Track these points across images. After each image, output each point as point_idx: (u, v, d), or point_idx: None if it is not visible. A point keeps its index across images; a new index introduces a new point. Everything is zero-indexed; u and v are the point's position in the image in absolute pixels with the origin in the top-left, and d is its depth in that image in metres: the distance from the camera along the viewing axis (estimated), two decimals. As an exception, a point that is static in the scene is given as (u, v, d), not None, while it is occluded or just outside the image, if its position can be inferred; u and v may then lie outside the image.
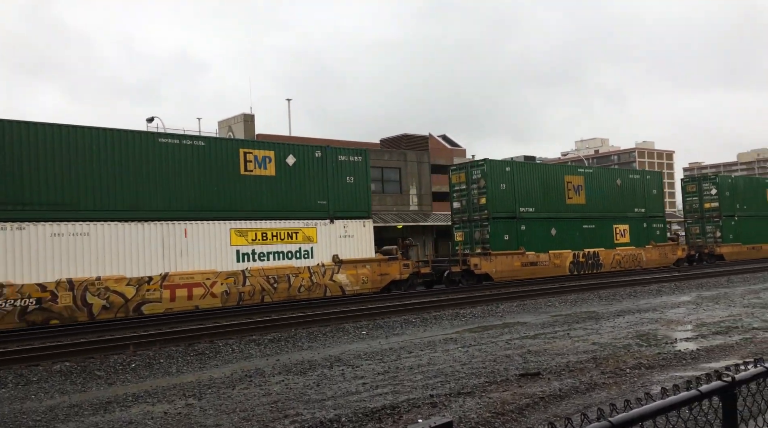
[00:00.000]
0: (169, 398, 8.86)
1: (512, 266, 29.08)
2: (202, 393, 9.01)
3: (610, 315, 16.08)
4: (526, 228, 29.89)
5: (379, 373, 9.82)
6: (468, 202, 29.87)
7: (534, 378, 8.99)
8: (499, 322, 15.93)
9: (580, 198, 32.56)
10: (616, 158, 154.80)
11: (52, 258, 17.57)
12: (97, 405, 8.64)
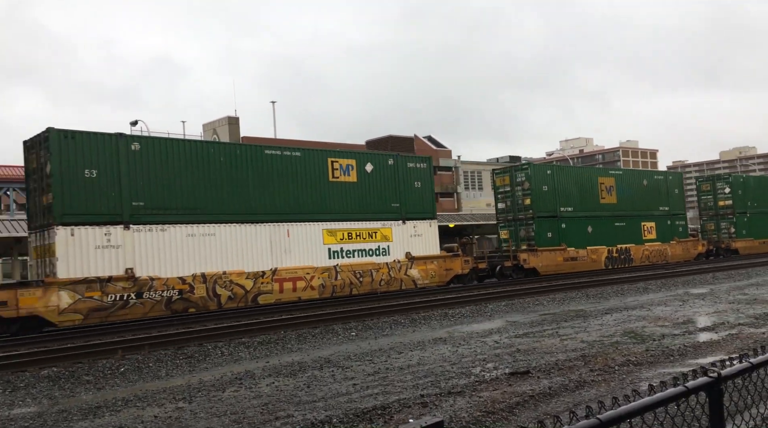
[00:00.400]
0: (159, 402, 8.82)
1: (556, 261, 31.71)
2: (192, 397, 8.99)
3: (598, 313, 16.22)
4: (566, 226, 32.53)
5: (369, 374, 9.84)
6: (513, 202, 32.68)
7: (524, 376, 9.06)
8: (488, 322, 16.01)
9: (612, 198, 35.33)
10: (600, 157, 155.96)
11: (188, 255, 20.22)
12: (86, 410, 8.59)
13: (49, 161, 18.38)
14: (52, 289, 17.60)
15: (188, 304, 20.01)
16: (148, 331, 17.18)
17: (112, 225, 18.90)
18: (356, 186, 24.61)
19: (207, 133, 52.80)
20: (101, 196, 18.90)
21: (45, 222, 18.86)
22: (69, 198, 18.41)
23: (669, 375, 8.75)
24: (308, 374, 10.18)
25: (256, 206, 21.93)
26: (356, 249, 24.33)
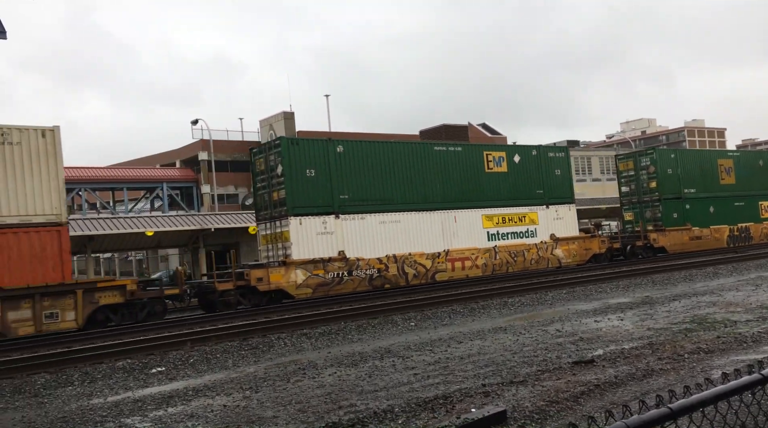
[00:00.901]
0: (227, 391, 9.12)
1: (682, 240, 33.91)
2: (259, 386, 9.25)
3: (665, 300, 15.71)
4: (690, 207, 34.54)
5: (429, 363, 9.87)
6: (637, 185, 34.80)
7: (588, 365, 8.88)
8: (549, 310, 15.76)
9: (731, 178, 37.05)
10: (664, 139, 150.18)
11: (381, 239, 23.73)
12: (160, 399, 8.97)
13: (281, 164, 22.30)
14: (291, 268, 21.58)
15: (384, 281, 23.69)
16: (215, 323, 17.77)
17: (326, 215, 22.77)
18: (507, 175, 27.58)
19: (264, 128, 53.87)
20: (318, 191, 22.67)
21: (276, 214, 22.71)
22: (297, 193, 22.23)
23: (742, 362, 8.39)
24: (369, 364, 10.29)
25: (430, 196, 25.32)
26: (509, 232, 27.43)
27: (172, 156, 53.20)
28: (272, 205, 22.78)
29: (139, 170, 48.68)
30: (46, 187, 17.76)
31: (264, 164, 23.10)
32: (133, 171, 48.14)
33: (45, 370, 12.19)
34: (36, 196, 17.50)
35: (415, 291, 23.21)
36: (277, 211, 22.59)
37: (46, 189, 17.75)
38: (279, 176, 22.35)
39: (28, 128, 17.69)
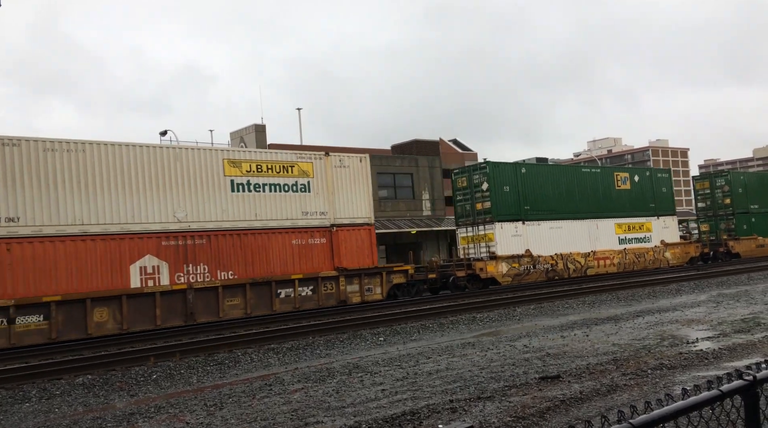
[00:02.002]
0: (191, 408, 8.93)
1: (750, 247, 39.87)
2: (223, 403, 9.08)
3: (629, 316, 15.96)
4: (755, 220, 40.75)
5: (397, 379, 9.83)
6: (713, 201, 41.13)
7: (554, 381, 8.95)
8: (517, 325, 15.87)
9: None
10: (629, 157, 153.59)
11: (551, 241, 29.71)
12: (120, 417, 8.74)
13: (486, 181, 28.51)
14: (499, 261, 27.59)
15: (555, 273, 29.39)
16: (179, 338, 17.42)
17: (517, 221, 28.76)
18: (630, 192, 33.34)
19: (234, 140, 53.44)
20: (511, 203, 28.69)
21: (479, 220, 28.67)
22: (499, 204, 28.28)
23: (704, 378, 8.56)
24: (337, 380, 10.20)
25: (580, 207, 31.03)
26: (633, 238, 33.10)
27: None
28: (475, 213, 28.88)
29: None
30: (363, 197, 23.70)
31: (467, 181, 29.43)
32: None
33: (1, 386, 11.78)
34: (357, 204, 23.50)
35: (389, 306, 23.19)
36: (480, 217, 28.65)
37: (362, 198, 23.68)
38: (484, 191, 28.60)
39: (351, 156, 24.00)
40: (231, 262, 20.10)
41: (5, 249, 16.47)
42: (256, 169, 21.09)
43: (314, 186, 22.27)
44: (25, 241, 16.81)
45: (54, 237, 17.22)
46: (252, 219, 20.74)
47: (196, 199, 19.70)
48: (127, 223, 18.40)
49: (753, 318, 14.21)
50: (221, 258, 19.92)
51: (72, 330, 17.16)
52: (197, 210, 19.68)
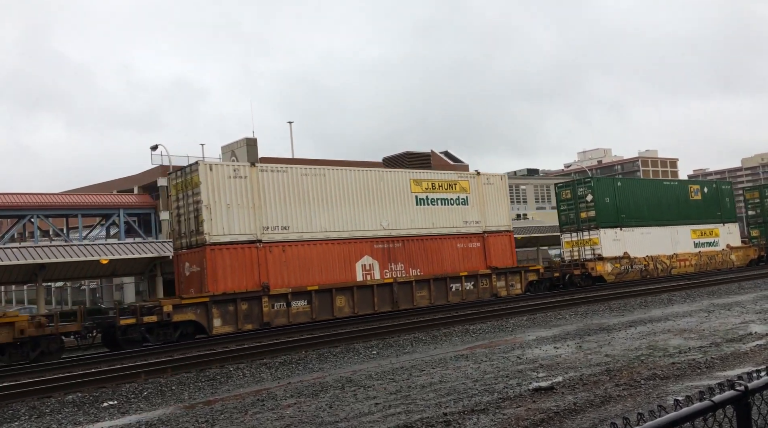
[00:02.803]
0: (182, 425, 8.84)
1: None
2: (215, 419, 8.99)
3: (622, 326, 15.98)
4: None
5: (391, 393, 9.78)
6: (762, 210, 45.15)
7: (547, 392, 8.93)
8: (510, 337, 15.85)
9: None
10: (619, 168, 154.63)
11: (642, 245, 33.82)
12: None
13: (590, 193, 33.18)
14: (606, 262, 32.24)
15: (647, 273, 33.63)
16: (170, 354, 17.27)
17: (616, 228, 33.42)
18: (701, 202, 38.11)
19: (225, 155, 53.39)
20: (611, 211, 33.46)
21: (584, 226, 33.18)
22: (602, 213, 33.02)
23: (696, 388, 8.57)
24: (330, 394, 10.14)
25: (664, 215, 35.69)
26: (704, 242, 37.87)
27: (130, 182, 52.10)
28: (579, 221, 33.64)
29: (95, 196, 47.51)
30: (504, 208, 28.87)
31: (570, 193, 34.39)
32: (88, 197, 46.93)
33: (-11, 405, 11.61)
34: (500, 214, 28.58)
35: (380, 318, 23.12)
36: (584, 224, 33.27)
37: (504, 210, 28.84)
38: (589, 202, 33.13)
39: (495, 175, 29.07)
40: (418, 262, 25.26)
41: (281, 251, 21.73)
42: (431, 186, 26.28)
43: (471, 200, 27.48)
44: (294, 245, 22.13)
45: (310, 242, 22.50)
46: (430, 227, 25.86)
47: (394, 211, 24.88)
48: (352, 231, 23.54)
49: (744, 327, 14.27)
50: (412, 258, 25.09)
51: (324, 313, 22.17)
52: (394, 220, 24.81)
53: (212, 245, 20.31)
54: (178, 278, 22.14)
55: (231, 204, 20.88)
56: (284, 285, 21.47)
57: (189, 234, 21.26)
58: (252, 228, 21.22)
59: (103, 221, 47.05)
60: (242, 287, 20.66)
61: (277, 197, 21.86)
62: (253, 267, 21.06)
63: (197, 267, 20.84)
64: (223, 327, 20.08)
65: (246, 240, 21.04)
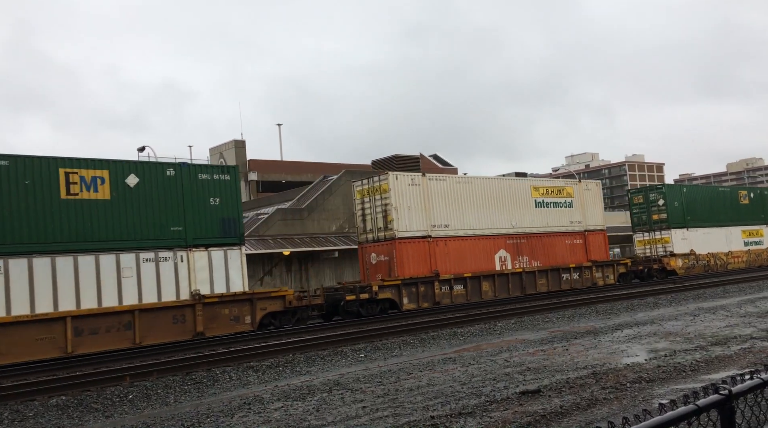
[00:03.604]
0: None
1: None
2: (201, 423, 8.92)
3: (608, 330, 16.07)
4: None
5: (378, 396, 9.76)
6: None
7: (534, 395, 8.96)
8: (498, 340, 15.88)
9: None
10: (606, 172, 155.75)
11: (704, 243, 38.97)
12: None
13: (662, 198, 38.27)
14: (677, 258, 37.28)
15: (709, 268, 38.39)
16: (157, 357, 17.14)
17: (683, 228, 38.31)
18: (749, 205, 43.22)
19: (214, 156, 53.15)
20: (680, 214, 38.45)
21: (655, 227, 38.43)
22: (672, 215, 37.92)
23: (681, 391, 8.63)
24: (317, 397, 10.10)
25: (720, 218, 40.63)
26: (752, 241, 42.84)
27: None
28: (651, 222, 38.73)
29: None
30: (599, 210, 33.94)
31: (642, 198, 39.52)
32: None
33: (-29, 409, 11.45)
34: (596, 215, 33.36)
35: (371, 321, 23.07)
36: (656, 225, 38.48)
37: (599, 212, 33.91)
38: (660, 206, 38.25)
39: (591, 181, 34.47)
40: (538, 255, 30.31)
41: (444, 244, 26.91)
42: (546, 192, 31.54)
43: (574, 203, 32.43)
44: (453, 239, 27.22)
45: (463, 237, 27.68)
46: (545, 226, 30.95)
47: (520, 212, 29.99)
48: (491, 228, 28.74)
49: (729, 330, 14.40)
50: (533, 251, 30.12)
51: (475, 296, 27.24)
52: (520, 219, 29.93)
53: (399, 239, 25.54)
54: (362, 266, 27.22)
55: (411, 206, 26.15)
56: (447, 272, 26.61)
57: (376, 231, 26.30)
58: (424, 225, 26.52)
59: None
60: (419, 273, 25.89)
61: (440, 200, 27.15)
62: (426, 257, 26.27)
63: (385, 256, 26.04)
64: (409, 305, 25.23)
65: (420, 236, 26.32)
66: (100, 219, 18.50)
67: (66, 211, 17.98)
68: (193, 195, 20.21)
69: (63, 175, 18.07)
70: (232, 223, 21.03)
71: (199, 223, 20.28)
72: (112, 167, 18.93)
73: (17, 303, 16.79)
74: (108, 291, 18.18)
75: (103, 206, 18.61)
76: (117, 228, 18.72)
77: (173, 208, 19.84)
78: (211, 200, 20.60)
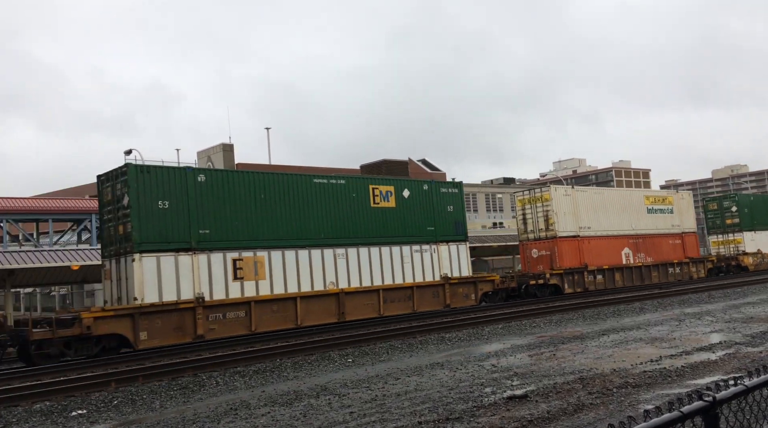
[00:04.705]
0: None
1: None
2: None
3: (595, 335, 16.15)
4: None
5: (366, 401, 9.74)
6: None
7: (522, 401, 8.98)
8: (485, 345, 15.91)
9: None
10: (593, 178, 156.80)
11: (766, 243, 44.79)
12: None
13: (735, 205, 44.61)
14: (749, 255, 43.47)
15: None
16: (142, 362, 16.98)
17: (751, 231, 44.73)
18: None
19: (202, 160, 52.90)
20: (748, 218, 44.41)
21: (729, 230, 44.21)
22: (743, 219, 44.65)
23: (667, 396, 8.69)
24: (304, 403, 10.06)
25: None
26: None
27: (103, 186, 51.27)
28: (724, 225, 44.77)
29: (66, 201, 46.63)
30: (691, 216, 40.32)
31: (717, 205, 45.65)
32: (59, 202, 46.03)
33: (-48, 415, 11.29)
34: (688, 219, 40.15)
35: (355, 326, 23.02)
36: (729, 228, 44.46)
37: (691, 217, 40.41)
38: (733, 212, 44.29)
39: (683, 191, 39.78)
40: (651, 252, 36.99)
41: (588, 242, 33.41)
42: (654, 200, 38.51)
43: (674, 210, 39.27)
44: (594, 238, 33.94)
45: (600, 237, 34.32)
46: (655, 228, 37.65)
47: (636, 217, 36.56)
48: (618, 230, 35.30)
49: (714, 336, 14.53)
50: (647, 249, 36.81)
51: (610, 284, 33.93)
52: (636, 223, 36.47)
53: (559, 238, 32.41)
54: (524, 259, 34.11)
55: (565, 211, 32.95)
56: (592, 264, 33.22)
57: (537, 231, 33.34)
58: (574, 227, 33.23)
59: (75, 226, 46.20)
60: (573, 264, 32.48)
61: (584, 207, 33.91)
62: (577, 252, 32.88)
63: (546, 251, 32.67)
64: (568, 289, 31.57)
65: (572, 235, 33.06)
66: (389, 222, 25.22)
67: (373, 216, 24.80)
68: (438, 204, 26.96)
69: (371, 190, 24.96)
70: (460, 225, 27.73)
71: (442, 225, 26.93)
72: (395, 184, 26.21)
73: (353, 278, 23.69)
74: (397, 272, 24.94)
75: (391, 212, 25.40)
76: (399, 228, 25.44)
77: (428, 214, 26.51)
78: (448, 207, 27.34)
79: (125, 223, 19.25)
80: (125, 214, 19.25)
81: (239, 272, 20.64)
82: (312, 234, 22.72)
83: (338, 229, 23.54)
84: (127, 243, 19.14)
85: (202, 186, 20.30)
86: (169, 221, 19.50)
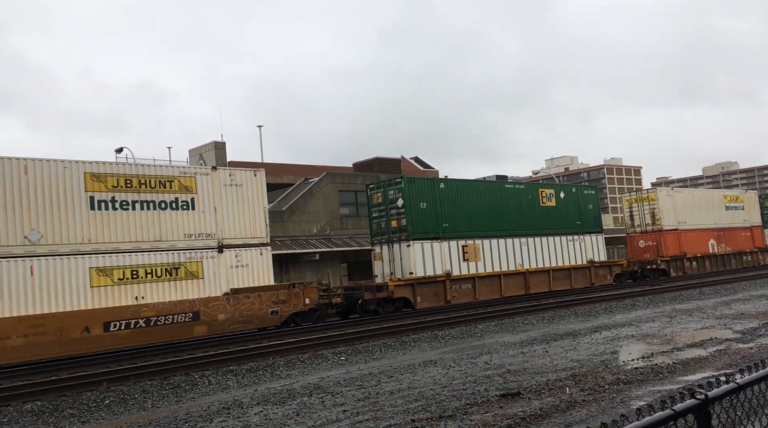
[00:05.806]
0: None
1: None
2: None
3: (587, 332, 16.22)
4: None
5: (359, 399, 9.74)
6: None
7: (514, 398, 9.00)
8: (478, 342, 15.94)
9: None
10: (585, 175, 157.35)
11: None
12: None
13: None
14: None
15: None
16: (134, 361, 16.92)
17: None
18: None
19: (193, 158, 52.65)
20: None
21: None
22: None
23: (659, 393, 8.74)
24: (297, 401, 10.05)
25: None
26: None
27: (94, 185, 50.96)
28: None
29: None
30: (756, 211, 46.94)
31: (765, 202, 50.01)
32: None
33: (-58, 416, 11.21)
34: (755, 215, 46.48)
35: (347, 325, 23.02)
36: None
37: (756, 211, 46.92)
38: None
39: (752, 191, 46.39)
40: (729, 242, 43.10)
41: (685, 234, 39.70)
42: (729, 199, 44.41)
43: (745, 207, 45.37)
44: (688, 231, 40.24)
45: (693, 230, 40.56)
46: (731, 223, 43.79)
47: (718, 213, 43.01)
48: (704, 224, 41.53)
49: (705, 332, 14.62)
50: (726, 240, 42.93)
51: (701, 269, 40.18)
52: (719, 218, 42.98)
53: (665, 231, 38.93)
54: (631, 248, 40.55)
55: (668, 209, 39.47)
56: (690, 252, 39.83)
57: (644, 225, 39.99)
58: (674, 221, 39.70)
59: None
60: (675, 253, 38.81)
61: (681, 206, 40.36)
62: (677, 243, 39.20)
63: (652, 242, 39.18)
64: (673, 274, 37.72)
65: (673, 228, 39.45)
66: (552, 218, 31.44)
67: (542, 213, 31.14)
68: (582, 203, 33.18)
69: (540, 193, 31.54)
70: (597, 220, 34.19)
71: (585, 220, 33.15)
72: (555, 188, 32.73)
73: (533, 261, 30.18)
74: (560, 257, 31.38)
75: (553, 210, 31.75)
76: (559, 222, 31.74)
77: (577, 211, 32.84)
78: (589, 206, 33.63)
79: (399, 219, 26.09)
80: (399, 212, 26.07)
81: (466, 255, 27.57)
82: (506, 226, 29.38)
83: (521, 223, 30.06)
84: (402, 233, 26.01)
85: (442, 192, 27.18)
86: (427, 217, 26.40)
